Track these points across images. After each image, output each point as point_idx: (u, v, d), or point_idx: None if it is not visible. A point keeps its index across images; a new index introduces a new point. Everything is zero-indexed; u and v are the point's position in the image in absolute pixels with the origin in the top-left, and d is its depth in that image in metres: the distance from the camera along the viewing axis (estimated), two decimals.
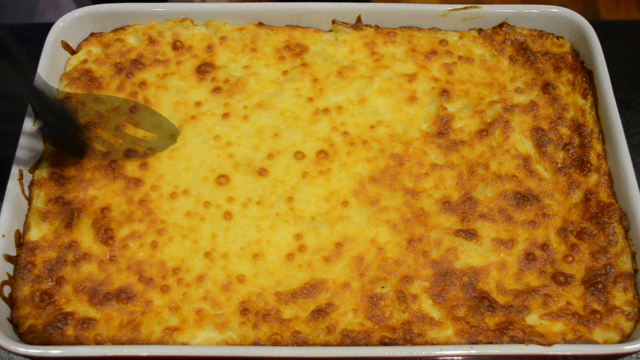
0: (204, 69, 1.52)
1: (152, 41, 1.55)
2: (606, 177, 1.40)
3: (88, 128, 1.43)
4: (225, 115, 1.46)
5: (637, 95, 1.88)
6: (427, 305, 1.28)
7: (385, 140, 1.44)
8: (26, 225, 1.34)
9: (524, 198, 1.38)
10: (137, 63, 1.52)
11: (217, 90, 1.49)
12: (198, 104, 1.48)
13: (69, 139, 1.40)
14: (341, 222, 1.35)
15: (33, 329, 1.24)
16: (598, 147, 1.44)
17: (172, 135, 1.44)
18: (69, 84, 1.49)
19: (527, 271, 1.32)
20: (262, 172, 1.40)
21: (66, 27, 1.54)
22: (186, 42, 1.56)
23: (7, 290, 1.27)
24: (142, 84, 1.49)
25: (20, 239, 1.33)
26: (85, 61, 1.53)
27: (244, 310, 1.26)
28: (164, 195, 1.37)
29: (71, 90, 1.48)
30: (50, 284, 1.28)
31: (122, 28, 1.58)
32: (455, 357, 1.20)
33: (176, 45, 1.54)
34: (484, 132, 1.46)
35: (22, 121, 1.41)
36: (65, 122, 1.38)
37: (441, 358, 1.20)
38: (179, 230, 1.34)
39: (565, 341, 1.23)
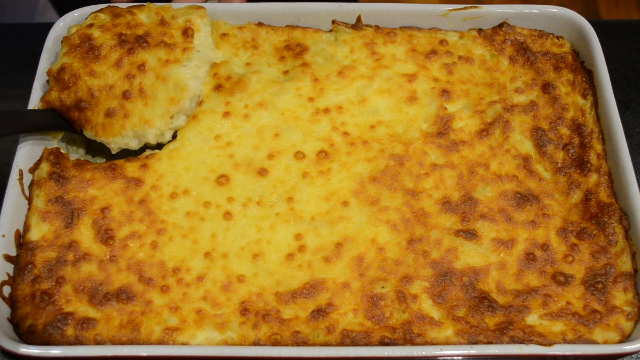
0: None
1: (163, 23, 1.49)
2: (606, 177, 1.40)
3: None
4: (226, 114, 1.46)
5: (637, 95, 1.88)
6: (427, 305, 1.27)
7: (385, 140, 1.44)
8: (26, 225, 1.34)
9: (524, 198, 1.38)
10: (142, 40, 1.45)
11: (218, 87, 1.49)
12: (199, 102, 1.48)
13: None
14: (341, 222, 1.35)
15: (33, 329, 1.23)
16: (598, 147, 1.44)
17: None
18: (68, 51, 1.44)
19: (527, 271, 1.31)
20: (263, 172, 1.40)
21: (66, 27, 1.54)
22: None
23: (7, 290, 1.27)
24: (142, 66, 1.43)
25: (20, 239, 1.32)
26: (90, 25, 1.47)
27: (244, 310, 1.26)
28: (164, 195, 1.37)
29: (69, 59, 1.43)
30: (50, 284, 1.28)
31: (137, 6, 1.52)
32: (455, 357, 1.20)
33: (187, 33, 1.47)
34: (484, 132, 1.46)
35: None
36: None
37: (441, 358, 1.20)
38: (179, 230, 1.34)
39: (565, 341, 1.23)
